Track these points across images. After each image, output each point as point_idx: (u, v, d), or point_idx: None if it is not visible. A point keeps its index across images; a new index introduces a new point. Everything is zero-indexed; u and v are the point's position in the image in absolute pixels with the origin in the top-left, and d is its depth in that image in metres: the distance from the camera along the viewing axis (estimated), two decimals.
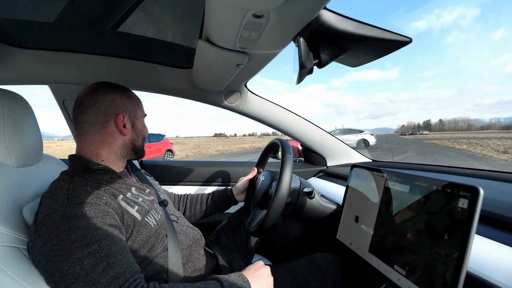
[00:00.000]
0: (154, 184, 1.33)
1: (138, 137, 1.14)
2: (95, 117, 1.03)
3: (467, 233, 0.62)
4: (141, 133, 1.15)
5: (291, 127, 1.91)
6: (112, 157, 1.07)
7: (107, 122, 1.05)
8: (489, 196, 0.94)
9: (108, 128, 1.05)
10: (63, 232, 0.77)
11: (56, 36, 1.25)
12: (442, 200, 0.70)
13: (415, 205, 0.78)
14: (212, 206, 1.52)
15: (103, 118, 1.04)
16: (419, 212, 0.76)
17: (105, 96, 1.05)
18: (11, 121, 1.02)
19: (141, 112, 1.17)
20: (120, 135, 1.07)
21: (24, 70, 1.47)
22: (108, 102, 1.05)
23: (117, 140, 1.07)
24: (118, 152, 1.09)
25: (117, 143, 1.08)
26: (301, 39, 0.85)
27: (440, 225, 0.69)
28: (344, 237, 1.09)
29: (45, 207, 0.84)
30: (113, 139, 1.06)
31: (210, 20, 0.84)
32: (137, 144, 1.14)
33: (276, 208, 1.12)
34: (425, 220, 0.74)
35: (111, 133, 1.06)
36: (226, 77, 1.33)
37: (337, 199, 1.42)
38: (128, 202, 0.97)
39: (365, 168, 1.06)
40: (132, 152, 1.14)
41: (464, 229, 0.63)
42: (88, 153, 1.04)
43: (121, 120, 1.06)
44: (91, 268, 0.75)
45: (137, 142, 1.14)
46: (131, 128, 1.10)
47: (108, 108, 1.04)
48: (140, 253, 0.96)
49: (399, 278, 0.77)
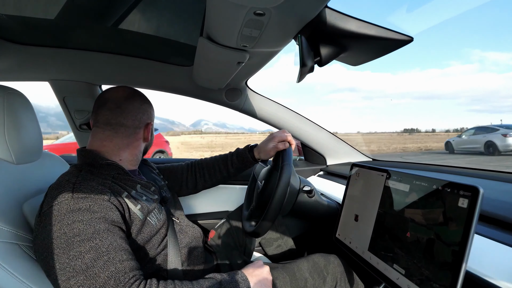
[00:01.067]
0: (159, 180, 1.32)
1: (150, 143, 1.22)
2: (132, 123, 1.09)
3: (467, 232, 0.62)
4: (151, 140, 1.22)
5: (291, 126, 1.91)
6: (130, 158, 1.11)
7: (139, 128, 1.11)
8: (489, 196, 0.94)
9: (138, 134, 1.12)
10: (66, 225, 0.78)
11: (57, 33, 1.25)
12: (442, 200, 0.70)
13: (415, 205, 0.78)
14: (234, 171, 1.45)
15: (138, 125, 1.11)
16: (419, 212, 0.76)
17: (142, 105, 1.12)
18: (11, 118, 1.02)
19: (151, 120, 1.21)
20: (143, 141, 1.15)
21: (24, 67, 1.47)
22: (143, 111, 1.12)
23: (140, 145, 1.15)
24: (138, 155, 1.15)
25: (140, 148, 1.15)
26: (302, 37, 0.85)
27: (437, 216, 0.69)
28: (343, 236, 1.09)
29: (50, 198, 0.85)
30: (138, 144, 1.13)
31: (211, 18, 0.83)
32: (147, 149, 1.24)
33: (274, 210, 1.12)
34: (422, 215, 0.74)
35: (138, 139, 1.12)
36: (227, 75, 1.32)
37: (336, 198, 1.42)
38: (132, 200, 0.97)
39: (365, 167, 1.06)
40: (140, 154, 1.19)
41: (464, 228, 0.63)
42: (104, 150, 1.05)
43: (149, 129, 1.15)
44: (92, 262, 0.76)
45: (148, 147, 1.24)
46: (150, 136, 1.17)
47: (143, 117, 1.12)
48: (141, 251, 0.97)
49: (398, 277, 0.77)
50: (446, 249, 0.66)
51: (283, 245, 1.54)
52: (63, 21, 1.15)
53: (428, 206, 0.72)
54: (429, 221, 0.72)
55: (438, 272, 0.67)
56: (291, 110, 1.88)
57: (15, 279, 0.83)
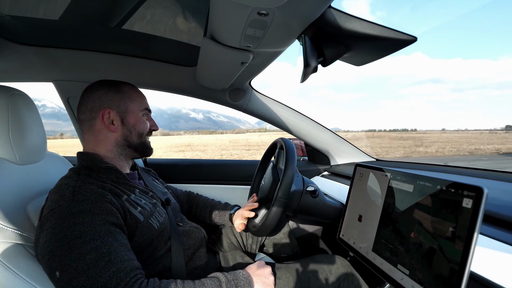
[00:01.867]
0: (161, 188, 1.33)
1: (131, 133, 1.10)
2: (84, 115, 1.06)
3: (471, 233, 0.62)
4: (134, 128, 1.10)
5: (295, 126, 1.91)
6: (110, 155, 1.08)
7: (93, 119, 1.05)
8: (493, 196, 0.93)
9: (96, 125, 1.05)
10: (67, 227, 0.79)
11: (61, 33, 1.25)
12: (446, 200, 0.70)
13: (420, 205, 0.78)
14: (212, 220, 1.52)
15: (90, 115, 1.05)
16: (425, 213, 0.76)
17: (92, 93, 1.06)
18: (15, 119, 1.02)
19: (136, 106, 1.12)
20: (110, 132, 1.07)
21: (29, 67, 1.48)
22: (93, 99, 1.06)
23: (108, 137, 1.07)
24: (114, 150, 1.09)
25: (110, 140, 1.07)
26: (306, 37, 0.85)
27: (445, 227, 0.69)
28: (347, 236, 1.08)
29: (51, 202, 0.86)
30: (104, 136, 1.06)
31: (215, 18, 0.84)
32: (131, 141, 1.11)
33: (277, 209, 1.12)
34: (430, 221, 0.73)
35: (100, 130, 1.06)
36: (230, 75, 1.33)
37: (340, 198, 1.42)
38: (132, 203, 0.98)
39: (369, 167, 1.06)
40: (131, 149, 1.12)
41: (468, 229, 0.63)
42: (90, 151, 1.07)
43: (106, 116, 1.05)
44: (93, 263, 0.76)
45: (131, 138, 1.10)
46: (121, 123, 1.08)
47: (94, 105, 1.05)
48: (143, 253, 0.97)
49: (403, 278, 0.77)
50: (446, 264, 0.66)
51: (287, 246, 1.54)
52: (67, 22, 1.16)
53: (439, 216, 0.71)
54: (436, 231, 0.71)
55: (432, 281, 0.68)
56: (294, 110, 1.87)
57: (20, 279, 0.84)
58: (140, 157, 1.18)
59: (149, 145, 1.17)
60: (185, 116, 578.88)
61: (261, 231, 1.18)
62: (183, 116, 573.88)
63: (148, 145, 1.17)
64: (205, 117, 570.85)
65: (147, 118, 1.17)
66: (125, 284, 0.78)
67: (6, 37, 1.24)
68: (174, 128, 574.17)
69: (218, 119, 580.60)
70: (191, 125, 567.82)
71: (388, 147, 31.89)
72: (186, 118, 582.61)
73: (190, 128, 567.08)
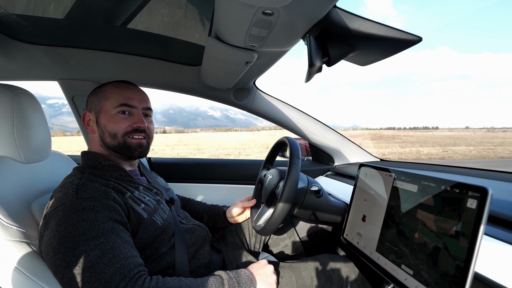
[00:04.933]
0: (164, 184, 1.35)
1: (103, 133, 1.05)
2: (79, 118, 1.09)
3: (476, 233, 0.61)
4: (106, 129, 1.04)
5: (299, 126, 1.91)
6: (105, 154, 1.09)
7: (82, 121, 1.09)
8: (498, 197, 0.93)
9: (86, 128, 1.10)
10: (71, 224, 0.80)
11: (66, 32, 1.26)
12: (450, 200, 0.70)
13: (424, 205, 0.78)
14: (207, 220, 1.52)
15: (80, 118, 1.12)
16: (428, 213, 0.76)
17: (87, 98, 1.11)
18: (20, 117, 1.03)
19: (109, 105, 1.05)
20: (92, 134, 1.09)
21: (33, 66, 1.48)
22: (86, 103, 1.11)
23: (94, 139, 1.09)
24: (103, 150, 1.09)
25: (96, 141, 1.09)
26: (311, 37, 0.85)
27: (448, 225, 0.69)
28: (351, 236, 1.08)
29: (55, 200, 0.87)
30: (92, 137, 1.10)
31: (220, 18, 0.84)
32: (106, 142, 1.05)
33: (282, 209, 1.12)
34: (433, 220, 0.73)
35: (90, 132, 1.10)
36: (235, 74, 1.33)
37: (344, 198, 1.41)
38: (135, 200, 0.99)
39: (373, 167, 1.06)
40: (111, 150, 1.07)
41: (473, 229, 0.62)
42: (93, 150, 1.09)
43: (86, 119, 1.08)
44: (97, 259, 0.77)
45: (105, 139, 1.05)
46: (95, 124, 1.07)
47: (82, 109, 1.09)
48: (147, 250, 0.98)
49: (407, 278, 0.77)
50: (451, 261, 0.65)
51: (290, 245, 1.54)
52: (72, 21, 1.16)
53: (442, 214, 0.71)
54: (440, 230, 0.71)
55: (438, 279, 0.67)
56: (299, 110, 1.88)
57: (24, 277, 0.85)
58: (125, 158, 1.11)
59: (131, 145, 1.07)
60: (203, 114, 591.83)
61: (266, 230, 1.18)
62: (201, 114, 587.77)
63: (129, 145, 1.07)
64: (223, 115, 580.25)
65: (128, 115, 1.07)
66: (129, 280, 0.78)
67: (11, 35, 1.25)
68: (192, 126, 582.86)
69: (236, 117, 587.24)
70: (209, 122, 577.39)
71: None
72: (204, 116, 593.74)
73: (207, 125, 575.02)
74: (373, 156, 2.05)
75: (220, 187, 2.11)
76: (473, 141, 43.83)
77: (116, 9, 1.11)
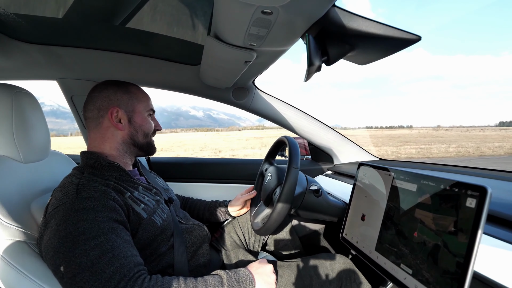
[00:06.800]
0: (163, 184, 1.35)
1: (137, 132, 1.14)
2: (91, 113, 1.08)
3: (475, 232, 0.61)
4: (140, 128, 1.14)
5: (299, 125, 1.91)
6: (115, 153, 1.10)
7: (102, 117, 1.08)
8: (497, 196, 0.93)
9: (103, 123, 1.08)
10: (71, 224, 0.80)
11: (64, 32, 1.25)
12: (449, 199, 0.70)
13: (422, 204, 0.78)
14: (209, 216, 1.54)
15: (98, 113, 1.08)
16: (426, 211, 0.76)
17: (100, 93, 1.09)
18: (19, 117, 1.03)
19: (142, 107, 1.16)
20: (117, 130, 1.10)
21: (32, 66, 1.48)
22: (102, 98, 1.09)
23: (115, 135, 1.10)
24: (120, 148, 1.11)
25: (117, 138, 1.10)
26: (310, 36, 0.85)
27: (448, 224, 0.69)
28: (350, 235, 1.08)
29: (55, 200, 0.87)
30: (111, 134, 1.09)
31: (219, 17, 0.84)
32: (137, 140, 1.14)
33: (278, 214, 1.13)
34: (432, 219, 0.73)
35: (107, 128, 1.09)
36: (234, 74, 1.33)
37: (344, 198, 1.41)
38: (135, 200, 0.99)
39: (372, 166, 1.06)
40: (136, 148, 1.15)
41: (472, 228, 0.62)
42: (94, 149, 1.08)
43: (114, 115, 1.08)
44: (97, 259, 0.77)
45: (137, 137, 1.14)
46: (128, 123, 1.12)
47: (102, 103, 1.08)
48: (146, 250, 0.98)
49: (406, 277, 0.77)
50: (451, 258, 0.66)
51: (290, 244, 1.54)
52: (70, 20, 1.16)
53: (440, 212, 0.71)
54: (438, 227, 0.71)
55: (439, 278, 0.67)
56: (298, 109, 1.87)
57: (23, 276, 0.84)
58: (144, 155, 1.21)
59: (153, 144, 1.22)
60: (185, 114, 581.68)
61: (265, 230, 1.18)
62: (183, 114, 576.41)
63: (153, 144, 1.22)
64: (206, 115, 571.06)
65: (152, 118, 1.21)
66: (128, 279, 0.79)
67: (10, 35, 1.24)
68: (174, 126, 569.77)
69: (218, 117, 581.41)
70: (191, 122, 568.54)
71: None
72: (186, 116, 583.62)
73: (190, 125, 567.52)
74: (372, 155, 2.05)
75: (219, 187, 2.11)
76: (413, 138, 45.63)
77: (115, 8, 1.11)
